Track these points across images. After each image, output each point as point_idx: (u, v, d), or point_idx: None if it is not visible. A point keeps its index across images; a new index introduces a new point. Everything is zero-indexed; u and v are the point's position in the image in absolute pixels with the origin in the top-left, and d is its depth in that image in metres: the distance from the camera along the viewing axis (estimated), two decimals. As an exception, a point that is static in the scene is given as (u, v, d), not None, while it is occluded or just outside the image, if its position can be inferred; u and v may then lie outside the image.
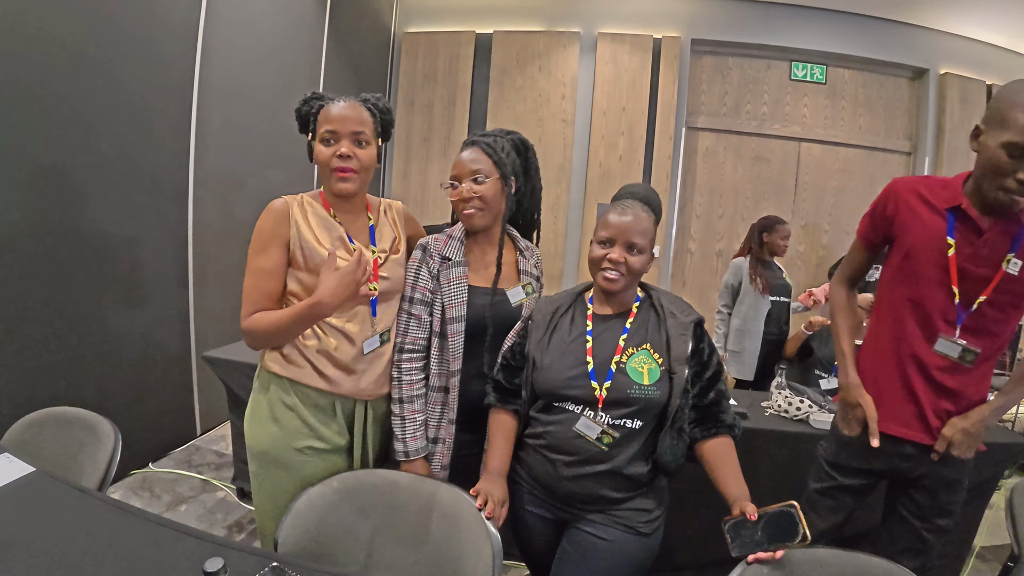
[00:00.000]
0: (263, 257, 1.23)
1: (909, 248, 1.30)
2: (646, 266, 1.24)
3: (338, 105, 1.26)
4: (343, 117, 1.25)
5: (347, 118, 1.25)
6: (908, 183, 1.34)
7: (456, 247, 1.38)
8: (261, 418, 1.29)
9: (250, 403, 1.33)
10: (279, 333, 1.23)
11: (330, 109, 1.26)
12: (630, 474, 1.19)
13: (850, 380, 1.43)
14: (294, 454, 1.27)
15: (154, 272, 2.68)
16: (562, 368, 1.23)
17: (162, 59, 2.59)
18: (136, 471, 2.68)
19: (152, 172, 2.61)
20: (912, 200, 1.31)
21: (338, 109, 1.26)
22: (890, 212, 1.35)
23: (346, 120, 1.25)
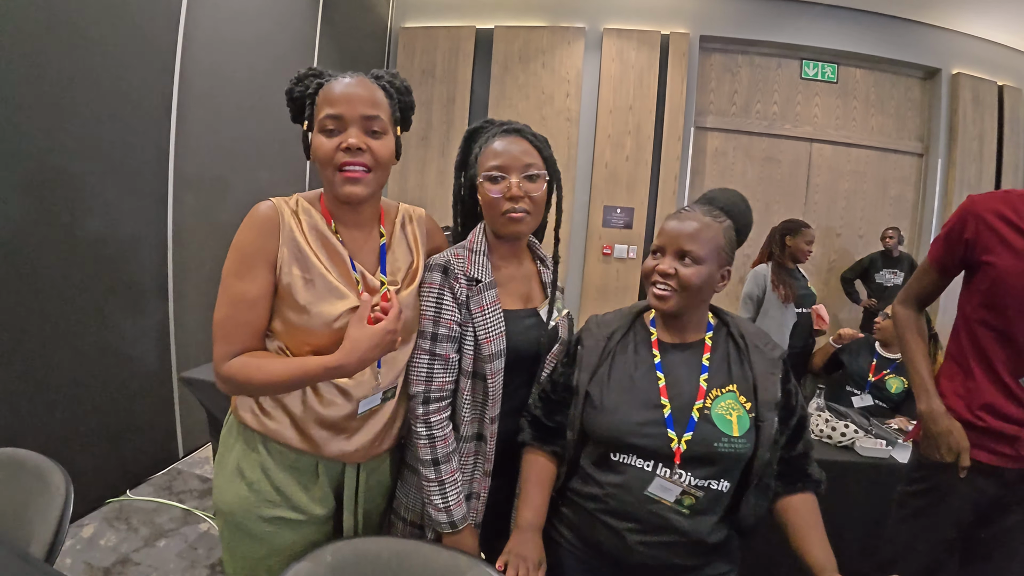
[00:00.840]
0: (245, 281, 0.94)
1: (996, 277, 1.18)
2: (708, 283, 1.01)
3: (343, 82, 0.97)
4: (350, 98, 0.95)
5: (356, 99, 0.95)
6: (987, 201, 1.21)
7: (484, 264, 1.12)
8: (227, 472, 1.03)
9: (219, 448, 1.08)
10: (271, 389, 0.96)
11: (332, 88, 0.96)
12: (713, 541, 0.99)
13: (935, 408, 1.29)
14: (261, 524, 1.01)
15: (130, 281, 2.43)
16: (629, 411, 1.00)
17: (140, 51, 2.34)
18: (112, 500, 2.43)
19: (128, 170, 2.36)
20: (995, 222, 1.19)
21: (343, 87, 0.96)
22: (969, 235, 1.22)
23: (354, 101, 0.95)
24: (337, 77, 0.99)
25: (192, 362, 2.72)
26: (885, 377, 2.58)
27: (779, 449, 1.03)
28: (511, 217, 1.08)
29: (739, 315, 1.19)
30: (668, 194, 4.63)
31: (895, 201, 5.07)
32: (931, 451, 1.30)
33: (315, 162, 0.99)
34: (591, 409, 1.03)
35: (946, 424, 1.26)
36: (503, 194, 1.08)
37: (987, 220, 1.20)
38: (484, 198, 1.11)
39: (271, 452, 1.01)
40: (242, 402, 1.03)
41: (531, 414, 1.13)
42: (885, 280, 4.53)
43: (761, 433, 0.99)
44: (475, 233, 1.15)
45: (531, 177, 1.09)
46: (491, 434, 1.10)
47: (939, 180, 4.88)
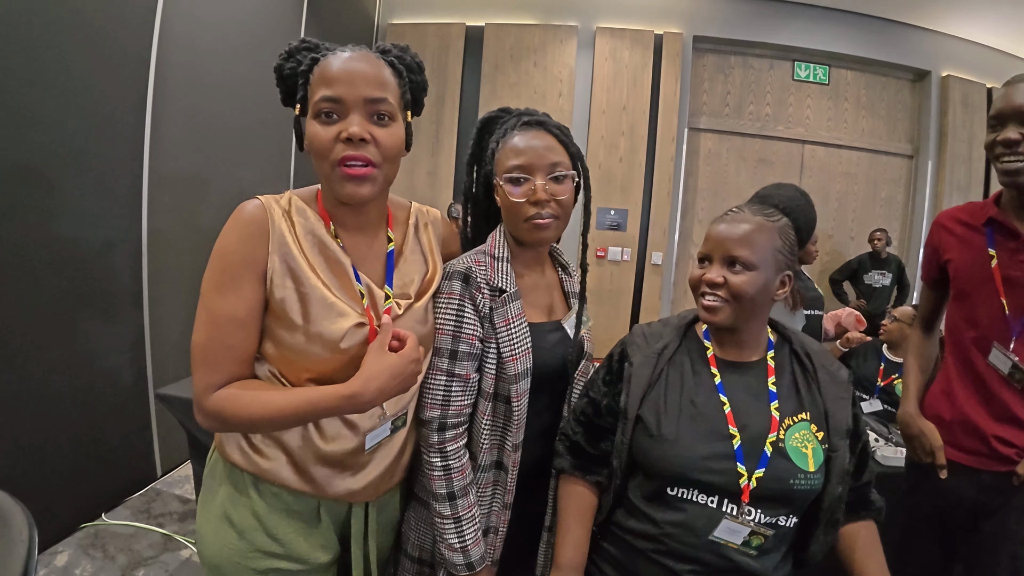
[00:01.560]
0: (229, 296, 0.78)
1: (955, 270, 1.30)
2: (764, 291, 0.90)
3: (342, 57, 0.81)
4: (352, 76, 0.79)
5: (358, 77, 0.79)
6: (949, 212, 1.36)
7: (508, 272, 0.99)
8: (213, 517, 0.87)
9: (202, 490, 0.92)
10: (267, 425, 0.81)
11: (330, 64, 0.80)
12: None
13: (907, 411, 1.38)
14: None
15: (102, 289, 2.25)
16: (694, 442, 0.87)
17: (114, 41, 2.17)
18: (86, 524, 2.24)
19: (100, 168, 2.18)
20: (951, 225, 1.32)
21: (343, 64, 0.80)
22: (935, 242, 1.36)
23: (357, 81, 0.79)
24: (336, 51, 0.83)
25: (170, 375, 2.53)
26: (894, 381, 2.52)
27: (849, 480, 0.92)
28: (536, 224, 0.96)
29: None
30: (662, 196, 4.56)
31: (886, 203, 5.07)
32: (911, 453, 1.38)
33: (310, 153, 0.83)
34: (646, 437, 0.90)
35: (918, 426, 1.32)
36: (527, 198, 0.95)
37: (947, 226, 1.32)
38: (505, 202, 0.98)
39: (264, 495, 0.86)
40: (228, 438, 0.87)
41: (570, 439, 1.00)
42: (874, 281, 4.52)
43: (833, 465, 0.88)
44: (495, 237, 1.02)
45: (558, 178, 0.97)
46: (513, 463, 0.97)
47: (929, 182, 4.89)
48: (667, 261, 4.67)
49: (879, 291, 4.50)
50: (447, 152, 4.58)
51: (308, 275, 0.81)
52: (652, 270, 4.61)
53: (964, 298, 1.29)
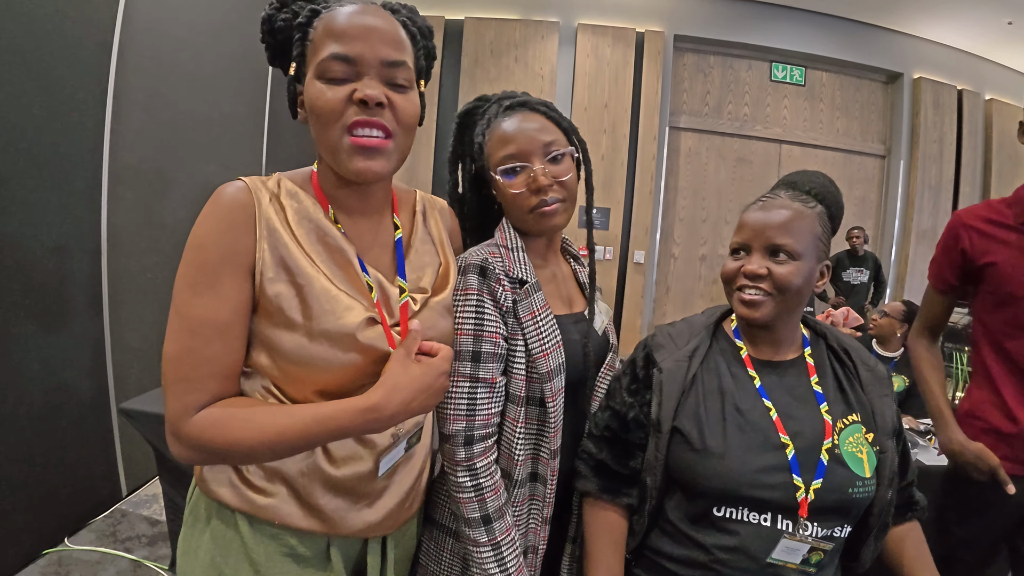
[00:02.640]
0: (207, 296, 0.65)
1: (1001, 274, 1.23)
2: (808, 282, 0.83)
3: (354, 10, 0.68)
4: (368, 32, 0.67)
5: (376, 35, 0.67)
6: (972, 211, 1.30)
7: (525, 261, 0.90)
8: (199, 567, 0.73)
9: (182, 532, 0.77)
10: (264, 453, 0.66)
11: (339, 16, 0.67)
12: None
13: (953, 438, 1.29)
14: None
15: (57, 294, 2.05)
16: (745, 454, 0.78)
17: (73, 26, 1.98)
18: (48, 551, 2.05)
19: (54, 162, 1.99)
20: (985, 227, 1.26)
21: (357, 16, 0.67)
22: (964, 245, 1.28)
23: (374, 38, 0.67)
24: (341, 3, 0.70)
25: (133, 387, 2.35)
26: None
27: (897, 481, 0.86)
28: (543, 212, 0.88)
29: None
30: (644, 194, 4.52)
31: (859, 201, 5.16)
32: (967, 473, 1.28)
33: (310, 120, 0.70)
34: (687, 452, 0.81)
35: (972, 451, 1.24)
36: (527, 187, 0.87)
37: (977, 227, 1.26)
38: (504, 196, 0.90)
39: (261, 537, 0.72)
40: (213, 470, 0.73)
41: (594, 458, 0.90)
42: (852, 278, 4.58)
43: (883, 468, 0.81)
44: (503, 229, 0.93)
45: (556, 158, 0.89)
46: (551, 472, 0.87)
47: (901, 181, 4.99)
48: (649, 259, 4.64)
49: (857, 288, 4.56)
50: (425, 150, 4.45)
51: (303, 265, 0.68)
52: (635, 268, 4.57)
53: (1013, 303, 1.22)
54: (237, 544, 0.72)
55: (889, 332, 2.58)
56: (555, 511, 0.92)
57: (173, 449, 0.66)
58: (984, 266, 1.25)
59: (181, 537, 0.77)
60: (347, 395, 0.67)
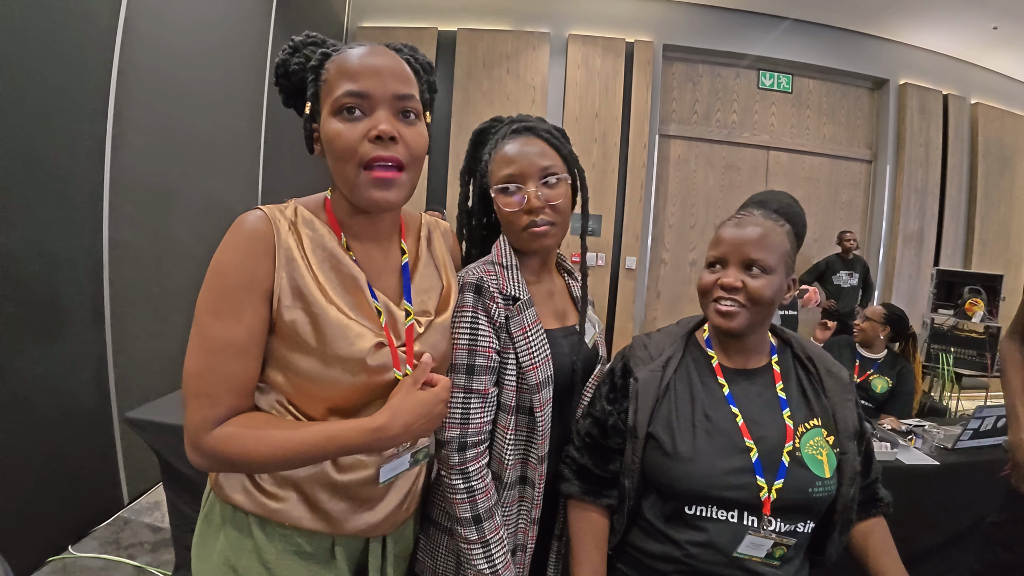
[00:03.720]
0: (228, 320, 0.71)
1: None
2: (778, 294, 0.90)
3: (364, 51, 0.75)
4: (379, 70, 0.73)
5: (386, 72, 0.74)
6: None
7: (519, 279, 0.96)
8: (213, 567, 0.80)
9: (196, 534, 0.84)
10: (276, 465, 0.73)
11: (351, 58, 0.74)
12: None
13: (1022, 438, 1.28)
14: None
15: (60, 306, 2.11)
16: (712, 458, 0.86)
17: (75, 43, 2.05)
18: (53, 558, 2.09)
19: (56, 176, 2.05)
20: None
21: (368, 57, 0.74)
22: None
23: (384, 75, 0.73)
24: (353, 45, 0.77)
25: (135, 397, 2.40)
26: (870, 377, 2.60)
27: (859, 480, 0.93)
28: (534, 232, 0.94)
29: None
30: (635, 201, 4.60)
31: (846, 206, 5.25)
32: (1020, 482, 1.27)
33: (328, 155, 0.76)
34: (661, 456, 0.88)
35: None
36: (521, 206, 0.94)
37: None
38: (500, 213, 0.97)
39: (272, 538, 0.79)
40: (228, 477, 0.80)
41: (576, 462, 0.97)
42: (842, 281, 4.66)
43: (844, 468, 0.88)
44: (500, 246, 0.99)
45: (551, 183, 0.95)
46: (539, 476, 0.94)
47: (888, 185, 5.08)
48: (640, 265, 4.71)
49: (847, 291, 4.64)
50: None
51: (317, 296, 0.74)
52: (626, 275, 4.65)
53: None
54: (250, 545, 0.79)
55: (872, 335, 2.64)
56: (542, 512, 0.98)
57: (192, 458, 0.72)
58: None
59: (195, 539, 0.84)
60: (355, 411, 0.75)
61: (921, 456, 1.91)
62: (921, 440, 2.03)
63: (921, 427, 2.12)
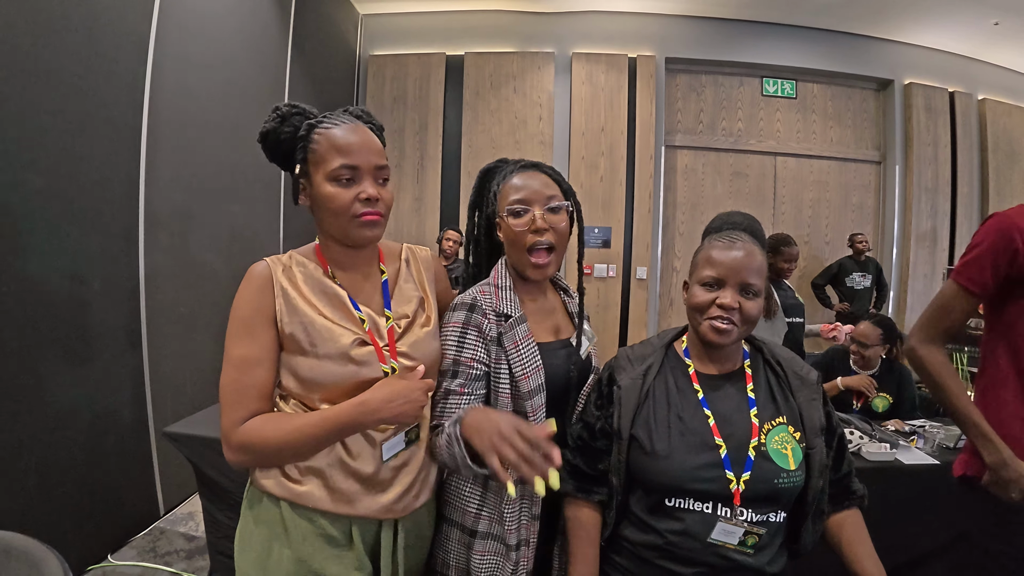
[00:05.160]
0: (246, 343, 0.92)
1: None
2: (761, 313, 1.01)
3: (349, 129, 0.95)
4: (365, 148, 0.95)
5: (369, 149, 0.95)
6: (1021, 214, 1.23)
7: (512, 299, 1.09)
8: (252, 551, 0.96)
9: (239, 527, 1.00)
10: (293, 448, 0.90)
11: (339, 136, 0.94)
12: (773, 572, 0.95)
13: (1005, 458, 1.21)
14: None
15: (100, 328, 2.28)
16: (685, 455, 0.95)
17: (107, 85, 2.23)
18: (94, 567, 2.24)
19: (95, 208, 2.22)
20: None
21: (354, 136, 0.95)
22: (1018, 245, 1.20)
23: (368, 152, 0.95)
24: (333, 121, 0.96)
25: (171, 414, 2.56)
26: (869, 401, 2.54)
27: (829, 473, 1.02)
28: (536, 263, 1.07)
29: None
30: (643, 212, 4.69)
31: (857, 208, 5.26)
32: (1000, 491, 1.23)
33: (323, 210, 0.96)
34: (641, 455, 0.98)
35: (1019, 469, 1.20)
36: (527, 227, 1.07)
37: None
38: (507, 233, 1.10)
39: (298, 520, 0.94)
40: (263, 471, 0.97)
41: (570, 463, 1.07)
42: (855, 283, 4.67)
43: (812, 461, 0.97)
44: (498, 269, 1.13)
45: (554, 209, 1.08)
46: None
47: (898, 185, 5.09)
48: (651, 275, 4.79)
49: (860, 292, 4.65)
50: (432, 179, 4.68)
51: (306, 310, 0.94)
52: (638, 284, 4.73)
53: None
54: (280, 527, 0.94)
55: (874, 358, 2.58)
56: (546, 511, 1.08)
57: (227, 454, 0.90)
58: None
59: (238, 531, 0.99)
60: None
61: (922, 456, 1.95)
62: (923, 440, 2.07)
63: (923, 427, 2.16)
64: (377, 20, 4.84)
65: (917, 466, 1.88)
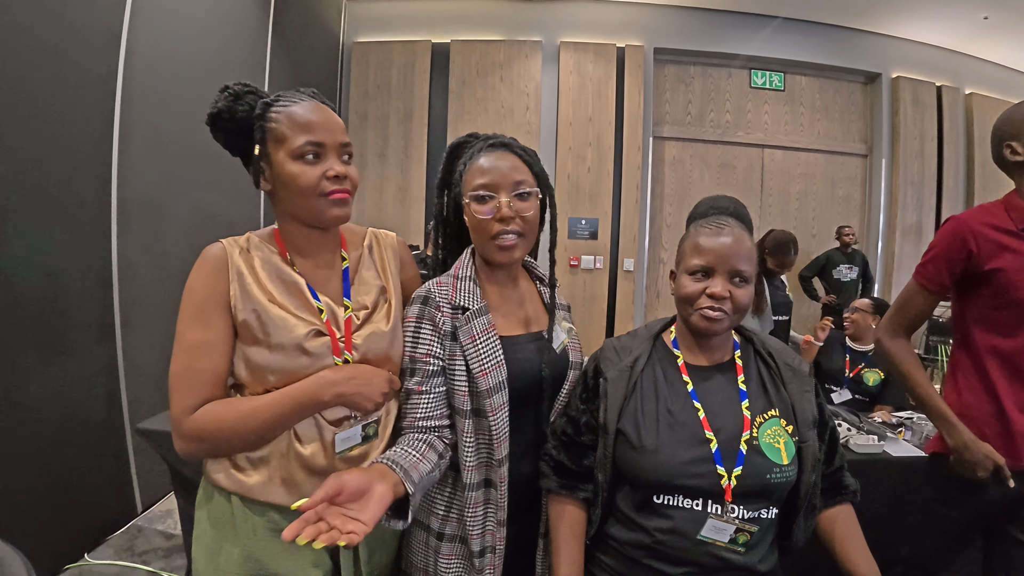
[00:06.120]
0: (198, 327, 0.87)
1: (1008, 280, 1.26)
2: (751, 300, 0.97)
3: (306, 106, 0.91)
4: (330, 125, 0.91)
5: (334, 126, 0.92)
6: (976, 216, 1.31)
7: (471, 290, 1.01)
8: (204, 547, 0.92)
9: (195, 519, 0.96)
10: (245, 433, 0.85)
11: (302, 113, 0.90)
12: (764, 570, 0.91)
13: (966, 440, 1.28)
14: None
15: (72, 321, 2.19)
16: (674, 450, 0.91)
17: (79, 68, 2.14)
18: (71, 566, 2.17)
19: (66, 197, 2.14)
20: (991, 233, 1.27)
21: (318, 113, 0.91)
22: (972, 249, 1.28)
23: (333, 128, 0.91)
24: (291, 99, 0.92)
25: (146, 409, 2.48)
26: (862, 371, 2.62)
27: (821, 467, 0.98)
28: (501, 246, 0.99)
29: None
30: (631, 204, 4.66)
31: (843, 200, 5.28)
32: (965, 471, 1.29)
33: (287, 190, 0.91)
34: (628, 450, 0.94)
35: (981, 450, 1.26)
36: (492, 215, 0.98)
37: (984, 233, 1.27)
38: (471, 220, 1.01)
39: (250, 515, 0.89)
40: (214, 462, 0.92)
41: (553, 459, 1.02)
42: (842, 275, 4.69)
43: (805, 455, 0.93)
44: (462, 259, 1.06)
45: (522, 195, 0.99)
46: (500, 478, 0.97)
47: (884, 178, 5.11)
48: (639, 267, 4.77)
49: (847, 284, 4.67)
50: (417, 168, 4.61)
51: (261, 299, 0.89)
52: (624, 276, 4.70)
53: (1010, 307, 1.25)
54: (231, 524, 0.89)
55: (864, 327, 2.68)
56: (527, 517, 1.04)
57: (177, 444, 0.85)
58: (991, 271, 1.26)
59: (194, 528, 0.94)
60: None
61: (910, 448, 1.94)
62: (910, 432, 2.06)
63: (911, 419, 2.16)
64: (361, 6, 4.73)
65: (907, 459, 1.87)
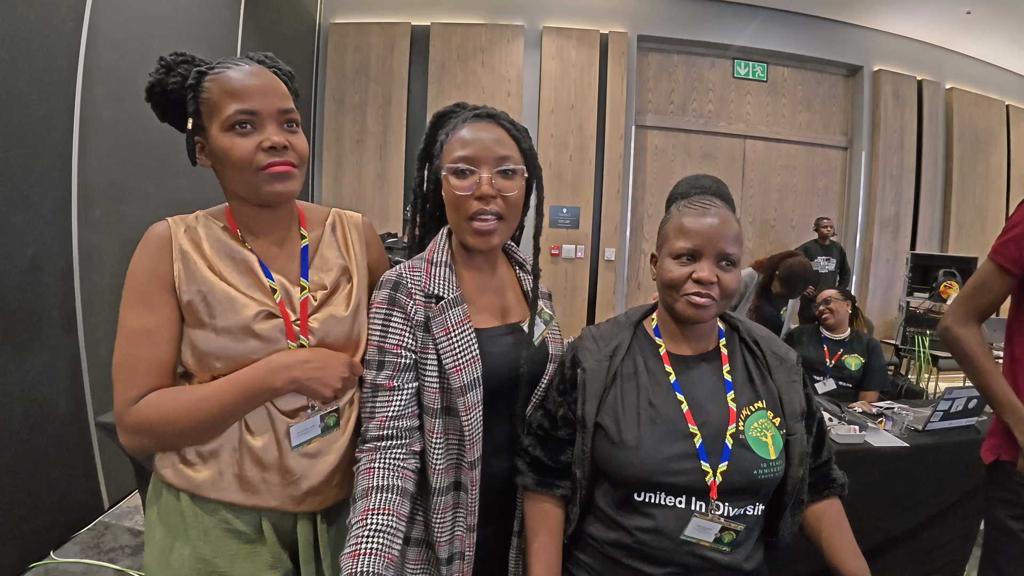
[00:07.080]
0: (141, 312, 0.81)
1: None
2: (740, 285, 0.92)
3: (242, 70, 0.83)
4: (264, 89, 0.82)
5: (270, 91, 0.83)
6: None
7: (446, 276, 0.91)
8: (155, 548, 0.84)
9: (145, 518, 0.89)
10: (200, 420, 0.79)
11: (234, 78, 0.82)
12: (750, 569, 0.88)
13: None
14: None
15: (30, 312, 2.09)
16: (656, 445, 0.86)
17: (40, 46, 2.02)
18: (36, 564, 2.09)
19: (23, 182, 2.03)
20: None
21: (252, 78, 0.82)
22: None
23: (269, 93, 0.82)
24: (227, 65, 0.84)
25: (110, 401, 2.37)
26: (842, 357, 2.63)
27: (809, 461, 0.94)
28: (478, 230, 0.89)
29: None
30: (612, 193, 4.62)
31: (823, 192, 5.31)
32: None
33: (223, 166, 0.84)
34: (607, 445, 0.89)
35: None
36: (472, 191, 0.88)
37: None
38: (448, 195, 0.91)
39: (201, 514, 0.83)
40: (163, 457, 0.85)
41: (529, 455, 0.97)
42: (820, 267, 4.73)
43: (792, 449, 0.88)
44: (436, 241, 0.95)
45: (506, 172, 0.90)
46: (472, 482, 0.89)
47: (863, 171, 5.15)
48: (620, 256, 4.74)
49: (824, 276, 4.71)
50: (395, 154, 4.51)
51: (208, 276, 0.82)
52: (606, 266, 4.68)
53: None
54: (181, 521, 0.83)
55: (842, 316, 2.68)
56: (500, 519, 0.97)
57: (121, 438, 0.80)
58: None
59: (145, 523, 0.88)
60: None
61: (891, 438, 1.94)
62: (891, 422, 2.07)
63: (891, 409, 2.16)
64: (339, -15, 4.59)
65: (888, 449, 1.87)
